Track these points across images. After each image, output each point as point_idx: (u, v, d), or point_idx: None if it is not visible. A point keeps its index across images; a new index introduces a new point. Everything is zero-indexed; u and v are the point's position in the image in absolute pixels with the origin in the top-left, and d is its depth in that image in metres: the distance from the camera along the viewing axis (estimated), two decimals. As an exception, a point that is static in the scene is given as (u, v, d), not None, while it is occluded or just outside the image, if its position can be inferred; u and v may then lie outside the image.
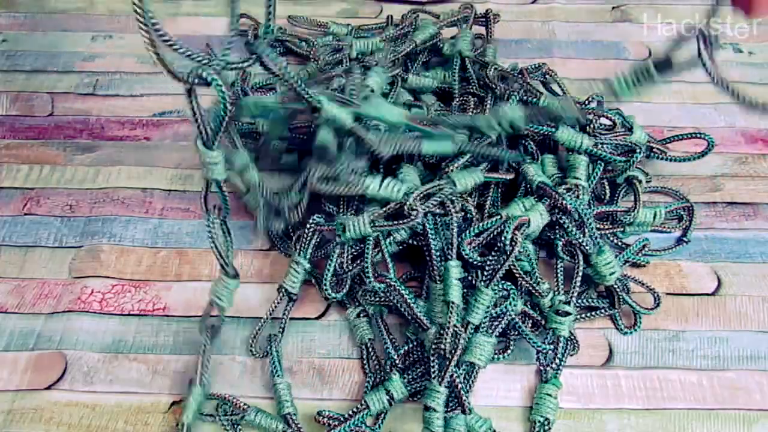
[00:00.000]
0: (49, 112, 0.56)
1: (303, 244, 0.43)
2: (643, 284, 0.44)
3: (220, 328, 0.42)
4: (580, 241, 0.43)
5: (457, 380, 0.37)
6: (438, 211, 0.42)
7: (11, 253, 0.47)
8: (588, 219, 0.43)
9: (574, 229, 0.43)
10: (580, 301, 0.43)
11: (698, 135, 0.50)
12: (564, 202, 0.43)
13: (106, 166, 0.52)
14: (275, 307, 0.43)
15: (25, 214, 0.49)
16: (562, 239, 0.43)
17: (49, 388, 0.41)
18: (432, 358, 0.38)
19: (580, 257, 0.43)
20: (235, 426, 0.39)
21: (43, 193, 0.50)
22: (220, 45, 0.60)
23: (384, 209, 0.42)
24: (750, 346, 0.42)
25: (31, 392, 0.41)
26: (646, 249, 0.46)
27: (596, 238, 0.43)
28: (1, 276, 0.46)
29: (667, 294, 0.45)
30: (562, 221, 0.43)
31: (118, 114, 0.56)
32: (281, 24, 0.61)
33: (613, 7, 0.65)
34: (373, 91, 0.51)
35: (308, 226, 0.43)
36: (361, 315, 0.43)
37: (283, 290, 0.43)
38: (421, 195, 0.42)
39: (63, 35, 0.62)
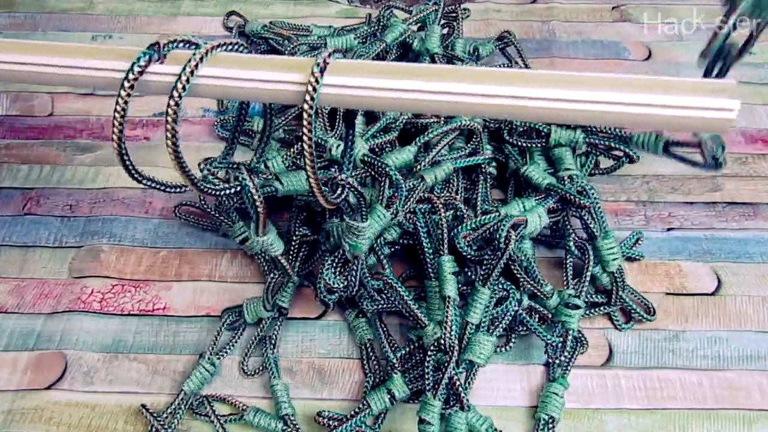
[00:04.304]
0: (49, 112, 0.56)
1: (291, 258, 0.43)
2: (637, 294, 0.44)
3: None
4: (588, 222, 0.43)
5: (456, 378, 0.37)
6: (422, 206, 0.43)
7: (11, 253, 0.47)
8: (597, 203, 0.43)
9: (586, 213, 0.43)
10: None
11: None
12: (579, 200, 0.43)
13: (106, 166, 0.52)
14: (267, 324, 0.43)
15: (25, 214, 0.49)
16: (573, 235, 0.44)
17: (49, 388, 0.41)
18: (427, 370, 0.38)
19: (590, 253, 0.43)
20: (223, 426, 0.39)
21: (43, 193, 0.50)
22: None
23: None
24: (750, 346, 0.42)
25: (31, 392, 0.41)
26: (640, 242, 0.46)
27: (604, 220, 0.43)
28: (1, 276, 0.46)
29: (667, 294, 0.45)
30: (575, 214, 0.43)
31: (118, 114, 0.56)
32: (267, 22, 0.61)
33: (613, 7, 0.65)
34: None
35: (293, 239, 0.43)
36: (360, 315, 0.43)
37: (275, 306, 0.43)
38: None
39: (63, 35, 0.62)
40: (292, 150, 0.47)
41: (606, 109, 0.27)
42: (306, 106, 0.29)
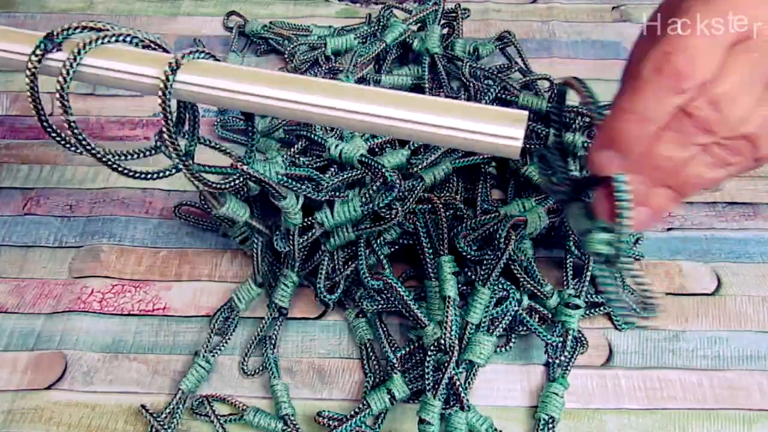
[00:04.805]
0: (49, 112, 0.56)
1: (290, 257, 0.43)
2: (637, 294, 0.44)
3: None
4: None
5: (456, 378, 0.37)
6: (422, 206, 0.43)
7: (11, 253, 0.47)
8: None
9: None
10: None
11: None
12: None
13: (106, 166, 0.52)
14: (266, 324, 0.43)
15: (25, 214, 0.49)
16: (573, 235, 0.44)
17: (49, 388, 0.41)
18: (427, 370, 0.38)
19: None
20: (223, 426, 0.39)
21: (43, 193, 0.50)
22: (220, 45, 0.61)
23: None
24: (750, 346, 0.42)
25: (31, 392, 0.41)
26: (640, 242, 0.47)
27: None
28: (1, 276, 0.46)
29: (667, 294, 0.45)
30: None
31: (118, 114, 0.56)
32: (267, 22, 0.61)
33: (613, 7, 0.65)
34: None
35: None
36: (360, 315, 0.43)
37: (274, 305, 0.43)
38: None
39: (63, 35, 0.62)
40: (292, 150, 0.47)
41: (405, 126, 0.29)
42: (159, 100, 0.32)
